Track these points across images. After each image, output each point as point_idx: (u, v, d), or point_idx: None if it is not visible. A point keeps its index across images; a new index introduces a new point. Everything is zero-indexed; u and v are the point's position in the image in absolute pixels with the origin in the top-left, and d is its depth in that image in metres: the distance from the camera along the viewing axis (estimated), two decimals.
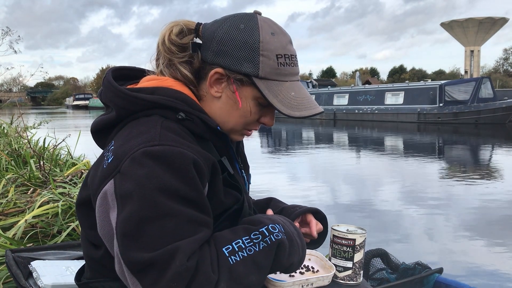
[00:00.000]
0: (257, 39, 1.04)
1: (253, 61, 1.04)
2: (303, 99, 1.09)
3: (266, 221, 1.00)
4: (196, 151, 0.97)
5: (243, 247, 0.93)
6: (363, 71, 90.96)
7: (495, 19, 63.18)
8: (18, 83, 14.92)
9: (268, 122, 1.14)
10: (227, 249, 0.92)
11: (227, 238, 0.95)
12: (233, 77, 1.06)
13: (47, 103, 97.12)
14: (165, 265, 0.85)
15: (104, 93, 1.10)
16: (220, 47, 1.06)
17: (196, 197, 0.93)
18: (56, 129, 5.22)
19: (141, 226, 0.88)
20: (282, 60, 1.06)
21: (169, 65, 1.11)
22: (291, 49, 1.10)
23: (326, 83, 43.84)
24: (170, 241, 0.87)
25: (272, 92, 1.05)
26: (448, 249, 4.29)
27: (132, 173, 0.91)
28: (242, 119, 1.10)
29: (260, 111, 1.11)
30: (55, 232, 2.43)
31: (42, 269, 1.43)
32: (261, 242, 0.95)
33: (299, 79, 1.13)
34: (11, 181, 3.35)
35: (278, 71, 1.06)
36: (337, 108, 25.51)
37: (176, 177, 0.91)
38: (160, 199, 0.89)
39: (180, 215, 0.90)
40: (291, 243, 0.99)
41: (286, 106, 1.05)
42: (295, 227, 1.07)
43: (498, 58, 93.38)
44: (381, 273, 2.00)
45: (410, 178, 8.08)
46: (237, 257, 0.92)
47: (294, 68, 1.10)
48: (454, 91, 20.75)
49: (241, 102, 1.08)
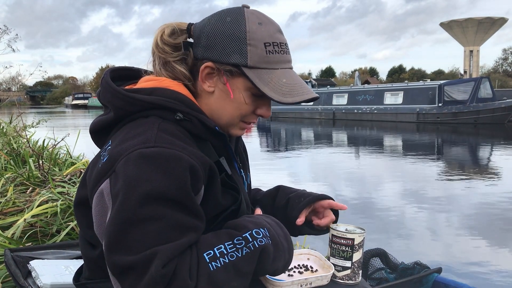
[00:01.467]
0: (243, 29, 1.05)
1: (241, 51, 1.04)
2: (295, 85, 1.07)
3: (250, 226, 0.97)
4: (192, 153, 0.96)
5: (224, 253, 0.91)
6: (362, 71, 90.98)
7: (494, 19, 63.22)
8: (17, 82, 14.91)
9: (264, 113, 1.13)
10: (208, 255, 0.90)
11: (210, 243, 0.93)
12: (222, 69, 1.06)
13: (46, 102, 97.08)
14: (144, 269, 0.85)
15: (102, 94, 1.10)
16: (209, 41, 1.07)
17: (185, 201, 0.92)
18: (55, 129, 5.21)
19: (125, 228, 0.88)
20: (270, 48, 1.05)
21: (164, 65, 1.12)
22: (280, 37, 1.09)
23: (325, 82, 43.79)
24: (152, 244, 0.87)
25: (263, 80, 1.04)
26: (447, 248, 4.29)
27: (124, 174, 0.91)
28: (237, 111, 1.09)
29: (255, 102, 1.10)
30: (54, 232, 2.43)
31: (41, 268, 1.42)
32: (244, 248, 0.93)
33: (291, 66, 1.12)
34: (10, 180, 3.34)
35: (267, 59, 1.05)
36: (336, 108, 25.51)
37: (167, 179, 0.90)
38: (147, 201, 0.88)
39: (166, 218, 0.89)
40: (276, 248, 0.97)
41: (277, 93, 1.04)
42: (283, 228, 1.04)
43: (497, 58, 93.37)
44: (380, 272, 2.00)
45: (409, 178, 8.09)
46: (218, 263, 0.90)
47: (284, 55, 1.08)
48: (453, 91, 20.77)
49: (234, 93, 1.07)
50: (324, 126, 22.12)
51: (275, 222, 1.04)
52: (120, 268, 0.87)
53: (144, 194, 0.88)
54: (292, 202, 1.30)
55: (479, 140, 15.50)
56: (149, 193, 0.88)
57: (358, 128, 20.55)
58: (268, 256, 0.95)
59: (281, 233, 1.02)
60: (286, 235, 1.02)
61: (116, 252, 0.88)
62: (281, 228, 1.03)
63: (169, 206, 0.90)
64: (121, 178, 0.91)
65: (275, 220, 1.06)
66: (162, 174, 0.90)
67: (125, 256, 0.87)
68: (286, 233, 1.03)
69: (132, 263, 0.86)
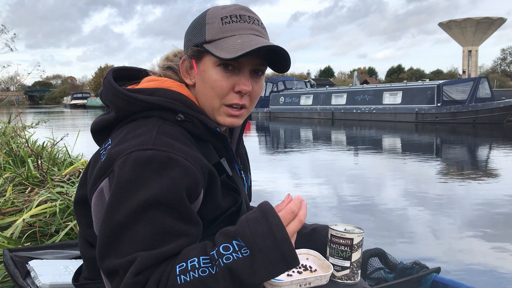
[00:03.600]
0: (204, 14, 1.09)
1: (201, 31, 1.07)
2: (250, 41, 1.00)
3: (220, 240, 0.88)
4: (191, 157, 0.95)
5: (196, 266, 0.85)
6: (361, 70, 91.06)
7: (493, 19, 63.27)
8: (15, 82, 14.88)
9: (242, 88, 1.04)
10: (180, 267, 0.86)
11: (188, 254, 0.88)
12: (189, 54, 1.09)
13: (44, 102, 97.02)
14: (125, 274, 0.86)
15: (104, 94, 1.11)
16: (184, 40, 1.13)
17: (178, 206, 0.90)
18: (53, 128, 5.21)
19: (115, 231, 0.88)
20: (227, 20, 1.05)
21: (168, 67, 1.17)
22: (243, 13, 1.07)
23: (324, 82, 43.86)
24: (138, 249, 0.87)
25: (219, 47, 1.02)
26: (446, 248, 4.29)
27: (119, 176, 0.91)
28: (214, 92, 1.06)
29: (229, 78, 1.04)
30: (53, 231, 2.43)
31: (39, 268, 1.42)
32: (214, 266, 0.85)
33: (256, 34, 1.05)
34: (9, 180, 3.34)
35: (224, 29, 1.04)
36: (335, 107, 25.51)
37: (162, 183, 0.89)
38: (140, 205, 0.88)
39: (156, 223, 0.88)
40: (254, 257, 0.84)
41: (228, 52, 0.99)
42: (268, 220, 0.86)
43: (495, 58, 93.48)
44: (379, 272, 2.00)
45: (408, 178, 8.09)
46: (186, 277, 0.84)
47: (244, 24, 1.05)
48: (452, 91, 20.79)
49: (205, 74, 1.06)
50: (323, 126, 22.13)
51: (256, 217, 0.87)
52: (108, 271, 0.88)
53: (137, 199, 0.88)
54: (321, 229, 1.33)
55: (477, 140, 15.53)
56: (142, 198, 0.88)
57: (357, 128, 20.56)
58: (242, 272, 0.84)
59: (265, 228, 0.85)
60: (271, 229, 0.85)
61: (106, 255, 0.89)
62: (266, 222, 0.86)
63: (161, 211, 0.89)
64: (116, 180, 0.91)
65: (260, 210, 0.89)
66: (157, 178, 0.90)
67: (113, 259, 0.87)
68: (272, 225, 0.85)
69: (117, 266, 0.86)
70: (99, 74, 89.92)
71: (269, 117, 28.71)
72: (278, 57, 1.05)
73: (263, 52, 1.02)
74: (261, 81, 1.11)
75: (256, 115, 29.61)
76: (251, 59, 1.04)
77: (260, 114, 29.73)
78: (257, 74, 1.09)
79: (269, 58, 1.07)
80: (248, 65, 1.05)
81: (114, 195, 0.90)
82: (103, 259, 0.89)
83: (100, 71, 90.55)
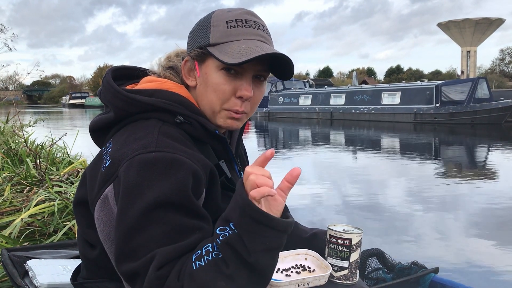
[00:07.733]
0: (209, 17, 1.08)
1: (206, 33, 1.06)
2: (255, 47, 1.00)
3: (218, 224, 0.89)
4: (193, 157, 0.96)
5: (210, 251, 0.86)
6: (360, 71, 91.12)
7: (492, 20, 63.34)
8: (14, 81, 14.86)
9: (244, 94, 1.04)
10: (195, 254, 0.87)
11: (203, 243, 0.89)
12: (192, 55, 1.08)
13: (43, 102, 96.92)
14: (146, 273, 0.86)
15: (103, 94, 1.11)
16: (188, 40, 1.12)
17: (188, 203, 0.91)
18: (52, 128, 5.20)
19: (129, 236, 0.88)
20: (232, 23, 1.04)
21: (168, 67, 1.16)
22: (249, 17, 1.07)
23: (323, 82, 43.84)
24: (152, 250, 0.87)
25: (224, 52, 1.01)
26: (444, 248, 4.30)
27: (125, 180, 0.91)
28: (215, 95, 1.05)
29: (231, 82, 1.04)
30: (51, 231, 2.43)
31: (38, 268, 1.42)
32: (219, 247, 0.85)
33: (261, 40, 1.05)
34: (7, 179, 3.34)
35: (228, 33, 1.04)
36: (334, 108, 25.53)
37: (169, 184, 0.90)
38: (149, 208, 0.88)
39: (168, 223, 0.89)
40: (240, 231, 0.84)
41: (232, 57, 0.99)
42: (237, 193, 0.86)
43: (494, 59, 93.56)
44: (377, 272, 2.00)
45: (407, 178, 8.10)
46: (201, 262, 0.85)
47: (249, 29, 1.05)
48: (450, 91, 20.81)
49: (208, 77, 1.05)
50: (321, 126, 22.14)
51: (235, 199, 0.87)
52: (128, 275, 0.89)
53: (146, 201, 0.88)
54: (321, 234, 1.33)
55: (476, 140, 15.55)
56: (151, 200, 0.88)
57: (355, 128, 20.57)
58: (240, 248, 0.83)
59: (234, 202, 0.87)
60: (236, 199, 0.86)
61: (123, 261, 0.89)
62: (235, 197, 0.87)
63: (171, 210, 0.89)
64: (122, 185, 0.91)
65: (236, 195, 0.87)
66: (164, 179, 0.90)
67: (131, 263, 0.88)
68: (236, 195, 0.86)
69: (136, 269, 0.87)
70: (98, 73, 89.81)
71: (268, 117, 28.73)
72: (281, 64, 1.05)
73: (266, 59, 1.03)
74: (263, 87, 1.11)
75: (255, 115, 29.59)
76: (254, 65, 1.04)
77: (259, 114, 29.74)
78: (259, 79, 1.09)
79: (272, 65, 1.07)
80: (251, 71, 1.05)
81: (123, 200, 0.90)
82: (121, 265, 0.89)
83: (99, 70, 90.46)
